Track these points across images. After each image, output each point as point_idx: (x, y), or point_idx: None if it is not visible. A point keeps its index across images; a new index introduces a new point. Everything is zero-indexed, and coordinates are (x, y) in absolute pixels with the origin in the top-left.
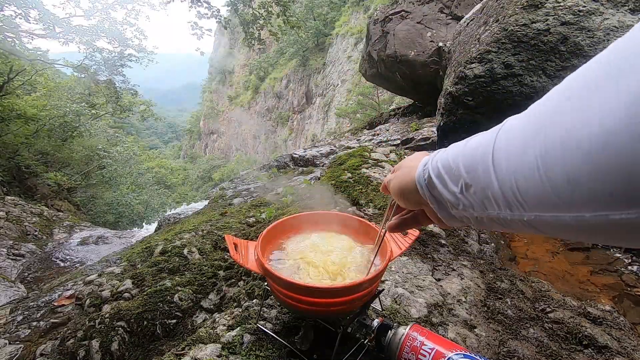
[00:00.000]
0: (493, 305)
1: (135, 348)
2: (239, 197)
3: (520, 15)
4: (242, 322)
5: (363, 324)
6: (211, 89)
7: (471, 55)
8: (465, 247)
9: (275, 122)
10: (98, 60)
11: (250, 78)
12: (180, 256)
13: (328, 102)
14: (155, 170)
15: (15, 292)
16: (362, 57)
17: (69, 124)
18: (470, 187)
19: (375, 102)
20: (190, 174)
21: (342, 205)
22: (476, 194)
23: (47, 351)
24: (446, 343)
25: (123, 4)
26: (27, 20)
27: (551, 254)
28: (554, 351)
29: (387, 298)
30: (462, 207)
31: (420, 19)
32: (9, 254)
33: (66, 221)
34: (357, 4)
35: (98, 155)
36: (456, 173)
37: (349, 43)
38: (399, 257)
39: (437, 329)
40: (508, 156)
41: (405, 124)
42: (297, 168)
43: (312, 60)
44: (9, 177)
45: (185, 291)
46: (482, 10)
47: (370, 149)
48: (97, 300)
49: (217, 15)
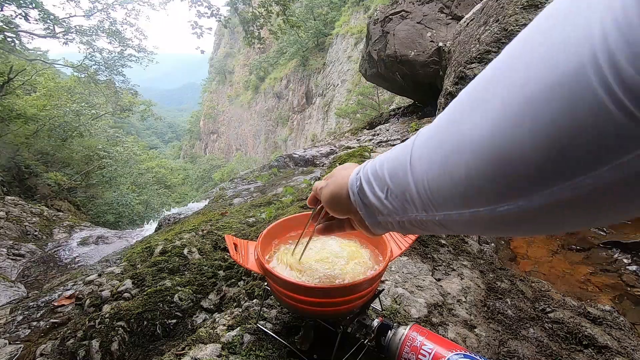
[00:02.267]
0: (493, 305)
1: (135, 348)
2: (239, 197)
3: (520, 15)
4: (242, 322)
5: (363, 324)
6: (211, 89)
7: (471, 55)
8: (465, 247)
9: (275, 122)
10: (98, 60)
11: (250, 78)
12: (180, 256)
13: (328, 102)
14: (155, 170)
15: (15, 292)
16: (362, 57)
17: (69, 124)
18: (392, 191)
19: (375, 102)
20: (190, 174)
21: None
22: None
23: (47, 351)
24: (446, 343)
25: (123, 4)
26: (27, 20)
27: (551, 254)
28: (554, 351)
29: (387, 298)
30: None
31: (420, 19)
32: (9, 254)
33: (66, 221)
34: (357, 4)
35: (98, 155)
36: (382, 179)
37: (349, 43)
38: (399, 257)
39: (437, 329)
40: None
41: (405, 124)
42: (297, 168)
43: (312, 60)
44: (9, 177)
45: (185, 291)
46: (482, 10)
47: (370, 149)
48: (97, 300)
49: (217, 15)
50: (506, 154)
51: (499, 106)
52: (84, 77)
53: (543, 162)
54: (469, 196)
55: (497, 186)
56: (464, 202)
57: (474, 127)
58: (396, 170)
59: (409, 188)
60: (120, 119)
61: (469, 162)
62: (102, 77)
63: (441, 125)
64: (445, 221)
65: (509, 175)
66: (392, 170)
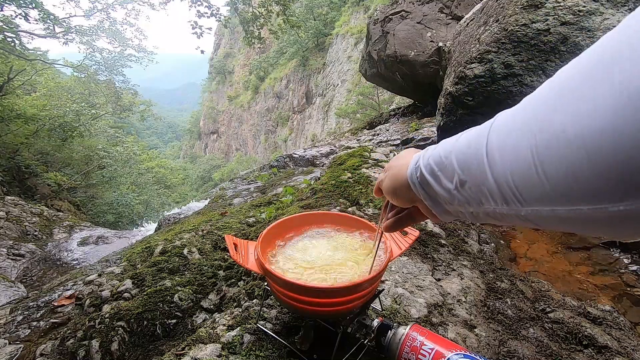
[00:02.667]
0: (493, 305)
1: (135, 348)
2: (239, 197)
3: (520, 15)
4: (242, 322)
5: (363, 324)
6: (211, 89)
7: (471, 55)
8: (465, 247)
9: (275, 122)
10: (98, 60)
11: (250, 78)
12: (180, 256)
13: (328, 102)
14: (155, 170)
15: (15, 292)
16: (362, 57)
17: (69, 124)
18: (465, 183)
19: (375, 102)
20: (190, 174)
21: (343, 205)
22: (472, 190)
23: (47, 351)
24: (446, 343)
25: (123, 4)
26: (27, 20)
27: (551, 254)
28: (554, 351)
29: (387, 298)
30: (457, 203)
31: (420, 19)
32: (9, 254)
33: (66, 221)
34: (357, 4)
35: (98, 155)
36: (450, 169)
37: (349, 43)
38: (399, 257)
39: (437, 329)
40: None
41: (405, 124)
42: (297, 168)
43: (312, 60)
44: (9, 177)
45: (185, 291)
46: (482, 10)
47: (370, 149)
48: (97, 300)
49: (217, 15)
50: (629, 147)
51: (617, 92)
52: (84, 77)
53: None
54: (571, 194)
55: (614, 184)
56: (562, 200)
57: (582, 117)
58: (468, 161)
59: (486, 182)
60: (120, 119)
61: (575, 157)
62: (102, 77)
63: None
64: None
65: (633, 172)
66: (463, 162)
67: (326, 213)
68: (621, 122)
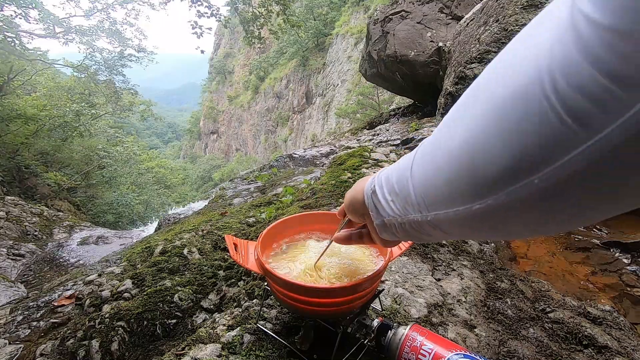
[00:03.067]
0: (493, 305)
1: (135, 348)
2: (239, 197)
3: (520, 15)
4: (242, 322)
5: (363, 324)
6: (211, 89)
7: (471, 55)
8: (465, 247)
9: (275, 122)
10: (98, 60)
11: (250, 78)
12: (180, 256)
13: (328, 102)
14: (155, 170)
15: (15, 292)
16: (362, 57)
17: (69, 124)
18: (398, 195)
19: (375, 102)
20: (190, 174)
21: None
22: (401, 200)
23: (47, 351)
24: (446, 343)
25: (123, 4)
26: (27, 20)
27: (551, 254)
28: (554, 351)
29: (387, 298)
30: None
31: (420, 19)
32: (9, 254)
33: (66, 221)
34: (357, 4)
35: (98, 155)
36: (391, 183)
37: (349, 43)
38: (399, 257)
39: (437, 329)
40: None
41: (405, 124)
42: (297, 168)
43: (312, 60)
44: (9, 177)
45: (185, 291)
46: (482, 10)
47: (370, 149)
48: (97, 300)
49: (217, 14)
50: (478, 156)
51: (473, 117)
52: (84, 77)
53: (504, 164)
54: (451, 196)
55: (470, 187)
56: (447, 202)
57: (456, 135)
58: (401, 175)
59: (409, 191)
60: (120, 119)
61: (451, 165)
62: (102, 77)
63: (436, 133)
64: (436, 220)
65: (480, 176)
66: (398, 177)
67: (326, 213)
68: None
